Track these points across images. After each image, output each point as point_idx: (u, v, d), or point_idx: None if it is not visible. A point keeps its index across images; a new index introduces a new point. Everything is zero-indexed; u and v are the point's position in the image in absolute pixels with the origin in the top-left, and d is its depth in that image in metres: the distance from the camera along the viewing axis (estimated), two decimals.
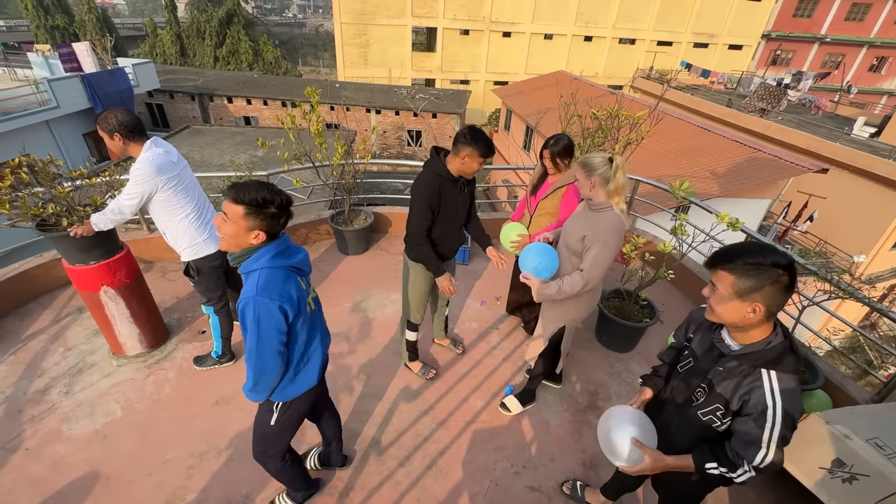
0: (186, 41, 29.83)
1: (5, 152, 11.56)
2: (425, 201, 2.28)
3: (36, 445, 2.40)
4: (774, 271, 1.14)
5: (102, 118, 2.24)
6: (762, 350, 1.25)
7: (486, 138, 2.22)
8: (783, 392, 1.20)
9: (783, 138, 13.05)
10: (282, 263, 1.50)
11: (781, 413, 1.19)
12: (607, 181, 1.97)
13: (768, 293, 1.15)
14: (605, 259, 2.04)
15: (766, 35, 25.10)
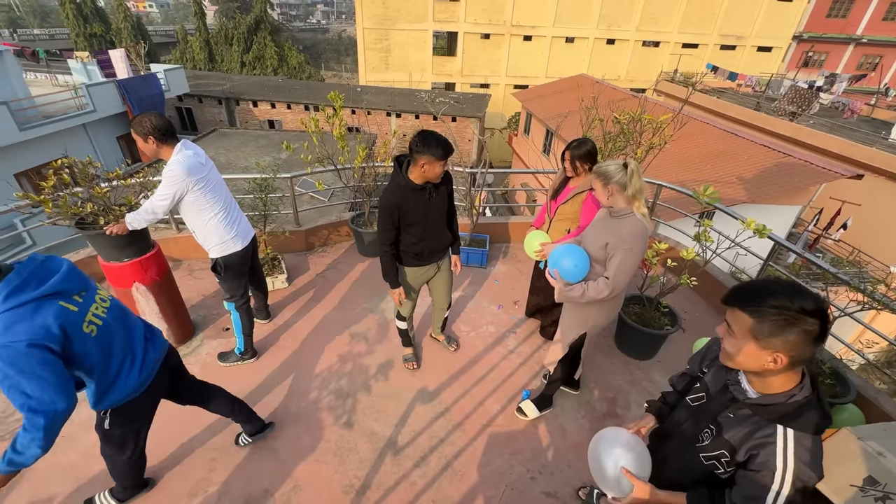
0: (215, 47, 30.80)
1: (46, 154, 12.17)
2: (385, 215, 2.35)
3: (69, 434, 2.51)
4: (802, 319, 0.98)
5: (137, 122, 2.34)
6: (782, 403, 1.10)
7: (439, 139, 2.17)
8: (798, 455, 1.06)
9: (815, 143, 12.59)
10: (25, 299, 1.37)
11: (792, 478, 1.06)
12: (624, 187, 1.96)
13: (793, 343, 1.01)
14: (630, 266, 2.02)
15: (797, 36, 24.29)
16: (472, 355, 3.24)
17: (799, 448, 1.07)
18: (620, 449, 1.36)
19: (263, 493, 2.25)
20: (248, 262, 2.84)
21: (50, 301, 1.42)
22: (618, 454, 1.35)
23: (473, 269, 4.35)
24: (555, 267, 2.15)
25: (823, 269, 2.96)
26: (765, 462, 1.09)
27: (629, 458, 1.34)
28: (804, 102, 14.09)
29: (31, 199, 2.46)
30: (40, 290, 1.41)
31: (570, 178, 2.85)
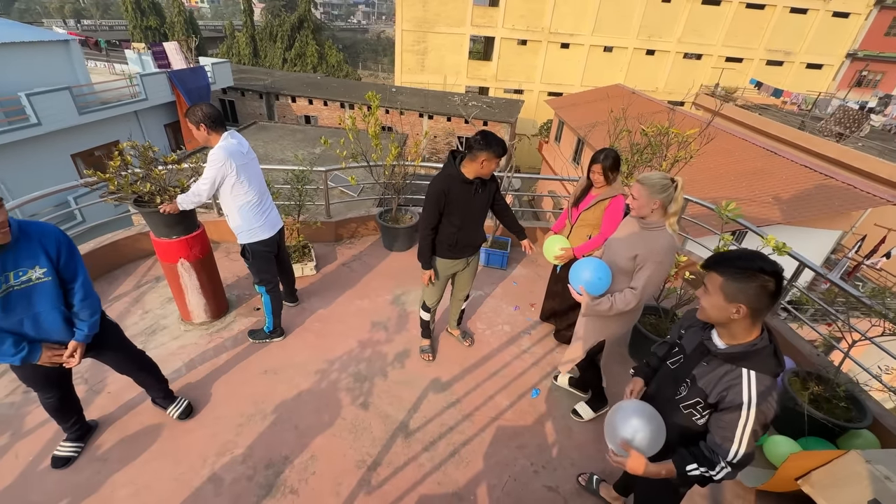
0: (259, 43, 32.02)
1: (99, 137, 13.03)
2: (432, 200, 2.53)
3: (116, 391, 2.78)
4: (760, 276, 1.21)
5: (191, 111, 2.58)
6: (745, 350, 1.32)
7: (499, 139, 2.40)
8: (759, 391, 1.27)
9: (862, 166, 12.03)
10: None
11: (755, 411, 1.26)
12: (668, 203, 1.98)
13: (752, 296, 1.23)
14: (658, 279, 2.06)
15: (851, 54, 23.20)
16: (486, 352, 3.34)
17: (760, 385, 1.28)
18: (639, 420, 1.47)
19: (283, 459, 2.43)
20: (274, 250, 3.05)
21: None
22: (635, 426, 1.46)
23: (493, 270, 4.46)
24: (577, 280, 2.17)
25: (853, 296, 2.91)
26: (732, 399, 1.30)
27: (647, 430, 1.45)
28: (853, 123, 13.49)
29: (99, 176, 2.73)
30: None
31: (592, 186, 2.92)
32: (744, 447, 1.29)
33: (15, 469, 2.28)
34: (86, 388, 2.77)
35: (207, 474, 2.32)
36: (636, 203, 2.03)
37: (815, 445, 2.55)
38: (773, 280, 1.21)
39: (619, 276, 2.17)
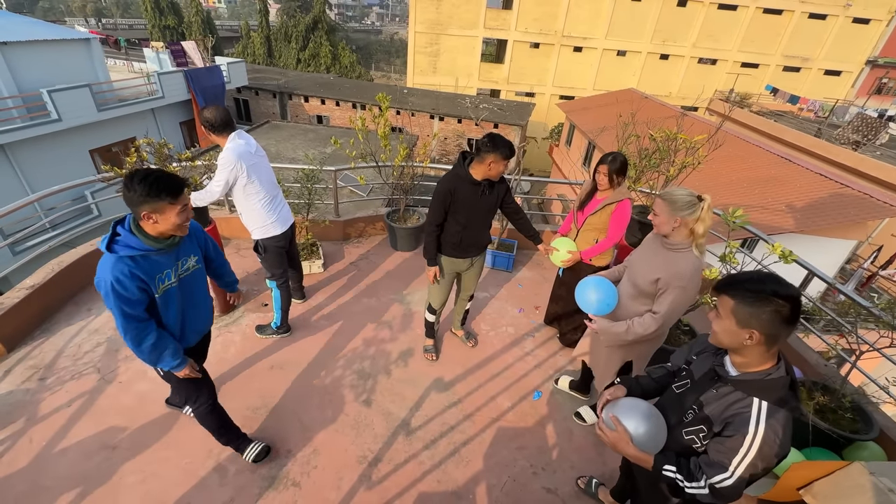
0: (274, 43, 32.44)
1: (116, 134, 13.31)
2: (439, 198, 2.56)
3: (127, 380, 2.85)
4: (774, 301, 1.14)
5: (202, 114, 2.68)
6: (758, 379, 1.24)
7: (506, 141, 2.42)
8: (769, 423, 1.18)
9: (879, 175, 11.80)
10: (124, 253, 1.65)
11: (759, 444, 1.17)
12: (694, 222, 1.83)
13: (766, 321, 1.16)
14: (682, 305, 1.93)
15: (871, 61, 22.76)
16: (489, 353, 3.36)
17: (770, 417, 1.19)
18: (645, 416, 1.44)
19: (287, 452, 2.47)
20: (286, 245, 3.11)
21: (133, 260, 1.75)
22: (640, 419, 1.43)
23: (499, 272, 4.48)
24: (583, 299, 2.08)
25: (861, 305, 2.88)
26: (738, 427, 1.21)
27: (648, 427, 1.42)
28: (871, 131, 13.24)
29: (116, 172, 2.82)
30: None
31: (597, 190, 2.93)
32: (734, 478, 1.20)
33: (29, 453, 2.36)
34: (97, 377, 2.85)
35: (213, 465, 2.38)
36: (657, 220, 1.92)
37: (819, 456, 2.52)
38: (787, 305, 1.13)
39: (642, 297, 2.04)
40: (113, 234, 1.64)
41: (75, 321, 3.32)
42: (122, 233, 1.63)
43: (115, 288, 1.60)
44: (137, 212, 1.60)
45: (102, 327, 3.28)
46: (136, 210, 1.60)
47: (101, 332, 3.24)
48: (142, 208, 1.58)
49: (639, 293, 2.05)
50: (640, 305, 2.07)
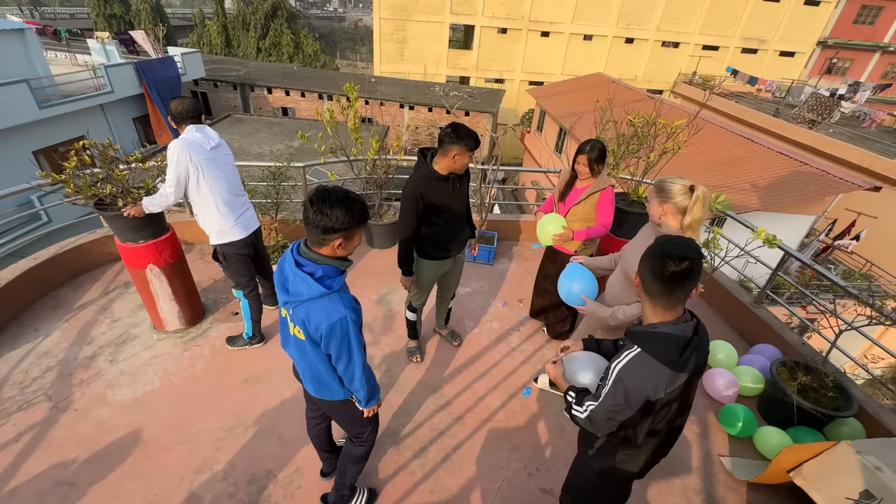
0: (232, 32, 30.84)
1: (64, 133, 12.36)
2: (409, 204, 2.40)
3: (84, 407, 2.60)
4: (656, 254, 1.26)
5: (169, 105, 2.47)
6: (643, 332, 1.33)
7: (470, 132, 2.29)
8: (628, 364, 1.30)
9: (833, 152, 12.37)
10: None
11: (614, 378, 1.31)
12: (682, 212, 1.82)
13: (643, 268, 1.30)
14: None
15: (822, 42, 23.74)
16: (475, 351, 3.27)
17: (633, 360, 1.29)
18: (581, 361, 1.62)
19: (267, 473, 2.31)
20: (249, 252, 2.88)
21: None
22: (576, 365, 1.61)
23: (480, 265, 4.38)
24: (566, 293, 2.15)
25: (832, 281, 2.95)
26: (609, 368, 1.36)
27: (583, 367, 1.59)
28: (825, 110, 13.82)
29: (53, 178, 2.52)
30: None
31: (576, 179, 2.85)
32: (600, 410, 1.34)
33: None
34: (49, 405, 2.59)
35: (185, 494, 2.19)
36: (650, 206, 1.93)
37: (803, 435, 2.56)
38: (666, 262, 1.23)
39: (632, 287, 2.00)
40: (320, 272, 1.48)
41: (20, 344, 3.01)
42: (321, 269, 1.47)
43: (356, 322, 1.53)
44: (329, 238, 1.44)
45: (53, 349, 2.99)
46: (328, 237, 1.43)
47: (51, 354, 2.95)
48: (338, 235, 1.43)
49: (629, 282, 2.04)
50: (631, 295, 2.06)
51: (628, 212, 3.20)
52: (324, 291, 1.46)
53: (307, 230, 1.46)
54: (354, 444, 1.98)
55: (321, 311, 1.47)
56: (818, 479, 2.08)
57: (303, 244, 1.52)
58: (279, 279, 1.53)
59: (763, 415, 2.84)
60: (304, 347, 1.59)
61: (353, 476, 2.08)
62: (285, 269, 1.51)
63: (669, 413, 1.38)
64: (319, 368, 1.64)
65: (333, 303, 1.48)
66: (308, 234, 1.48)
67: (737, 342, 3.47)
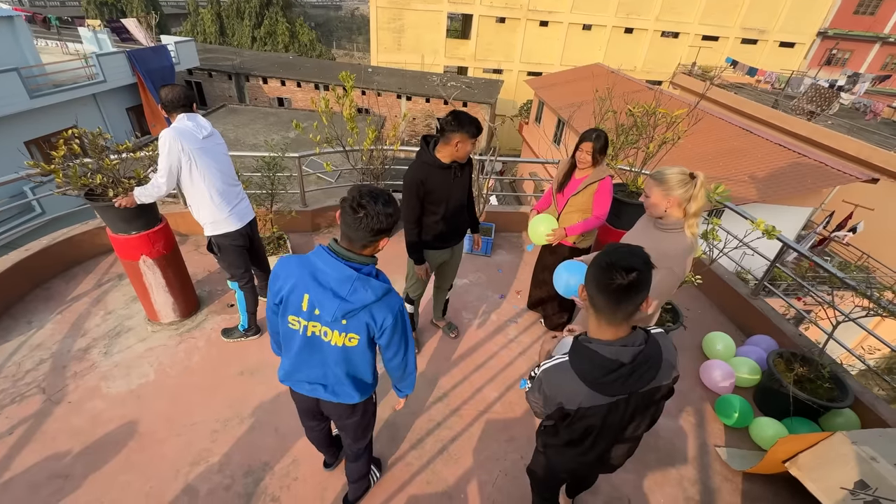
0: (226, 21, 30.36)
1: (56, 123, 12.19)
2: (411, 191, 2.37)
3: (78, 399, 2.58)
4: (599, 265, 1.19)
5: (159, 92, 2.39)
6: (579, 342, 1.28)
7: (472, 118, 2.25)
8: (553, 367, 1.31)
9: (831, 144, 12.34)
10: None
11: (538, 376, 1.36)
12: (687, 202, 1.77)
13: (588, 277, 1.23)
14: (668, 287, 1.86)
15: (822, 33, 23.58)
16: (472, 343, 3.26)
17: (557, 365, 1.30)
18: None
19: (263, 465, 2.31)
20: (244, 243, 2.84)
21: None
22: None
23: (477, 257, 4.36)
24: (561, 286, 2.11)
25: (831, 273, 2.94)
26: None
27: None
28: (824, 102, 13.76)
29: (42, 168, 2.47)
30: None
31: (575, 169, 2.82)
32: (527, 395, 1.46)
33: None
34: (43, 398, 2.57)
35: (181, 486, 2.18)
36: (648, 202, 1.85)
37: (799, 425, 2.57)
38: (603, 274, 1.16)
39: None
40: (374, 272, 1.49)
41: (13, 336, 2.98)
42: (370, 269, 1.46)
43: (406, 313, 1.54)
44: (378, 239, 1.41)
45: (46, 341, 2.96)
46: (377, 238, 1.40)
47: (44, 346, 2.92)
48: (385, 235, 1.42)
49: None
50: None
51: (627, 203, 3.18)
52: (388, 287, 1.45)
53: (352, 234, 1.37)
54: (361, 446, 1.96)
55: (384, 308, 1.44)
56: (813, 470, 2.09)
57: (336, 247, 1.42)
58: (321, 295, 1.39)
59: (759, 405, 2.85)
60: (352, 352, 1.51)
61: (366, 472, 2.12)
62: (328, 279, 1.39)
63: (592, 433, 1.35)
64: (363, 371, 1.59)
65: (393, 294, 1.48)
66: (350, 238, 1.39)
67: (734, 333, 3.47)
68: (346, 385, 1.62)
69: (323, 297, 1.40)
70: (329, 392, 1.64)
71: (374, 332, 1.48)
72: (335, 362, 1.54)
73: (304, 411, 1.85)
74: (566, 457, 1.53)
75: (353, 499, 2.16)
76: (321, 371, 1.59)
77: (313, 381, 1.62)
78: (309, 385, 1.63)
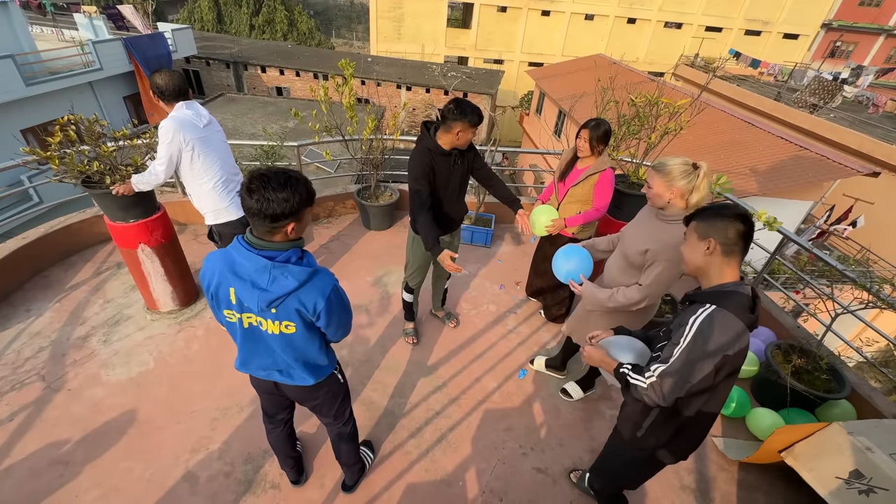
0: (223, 8, 29.95)
1: (52, 111, 12.07)
2: (420, 177, 2.34)
3: (77, 387, 2.59)
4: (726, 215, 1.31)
5: (151, 79, 2.34)
6: (713, 291, 1.35)
7: (473, 107, 2.23)
8: (706, 321, 1.28)
9: (833, 137, 12.28)
10: None
11: (694, 332, 1.28)
12: (690, 192, 1.76)
13: (720, 229, 1.31)
14: (668, 278, 1.88)
15: (826, 24, 23.35)
16: (472, 333, 3.27)
17: (711, 317, 1.28)
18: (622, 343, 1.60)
19: (263, 453, 2.32)
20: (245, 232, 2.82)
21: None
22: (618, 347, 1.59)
23: (477, 248, 4.35)
24: (560, 271, 2.17)
25: (830, 264, 2.94)
26: (679, 324, 1.34)
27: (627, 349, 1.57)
28: (827, 95, 13.67)
29: (38, 154, 2.45)
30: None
31: (578, 159, 2.80)
32: (673, 370, 1.29)
33: None
34: (42, 385, 2.57)
35: (181, 473, 2.20)
36: (651, 192, 1.83)
37: (796, 416, 2.59)
38: (739, 219, 1.29)
39: (630, 269, 2.00)
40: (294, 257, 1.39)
41: (12, 324, 2.97)
42: (289, 254, 1.36)
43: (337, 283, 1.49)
44: (279, 225, 1.31)
45: (45, 329, 2.96)
46: (278, 224, 1.31)
47: (43, 334, 2.92)
48: (289, 220, 1.32)
49: (628, 265, 2.02)
50: (629, 278, 2.03)
51: (628, 194, 3.16)
52: (312, 269, 1.38)
53: (251, 221, 1.31)
54: (342, 426, 1.96)
55: (313, 290, 1.39)
56: (809, 459, 2.11)
57: (249, 237, 1.36)
58: (242, 288, 1.35)
59: (756, 396, 2.87)
60: (293, 339, 1.47)
61: (355, 452, 2.11)
62: (246, 271, 1.34)
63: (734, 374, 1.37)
64: (312, 351, 1.56)
65: (320, 276, 1.41)
66: (253, 225, 1.34)
67: None
68: (298, 369, 1.60)
69: (244, 290, 1.35)
70: (284, 376, 1.64)
71: (308, 317, 1.43)
72: (281, 349, 1.52)
73: (265, 394, 1.83)
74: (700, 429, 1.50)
75: (350, 482, 2.17)
76: (270, 359, 1.57)
77: (267, 368, 1.62)
78: (264, 371, 1.64)
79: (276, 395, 1.80)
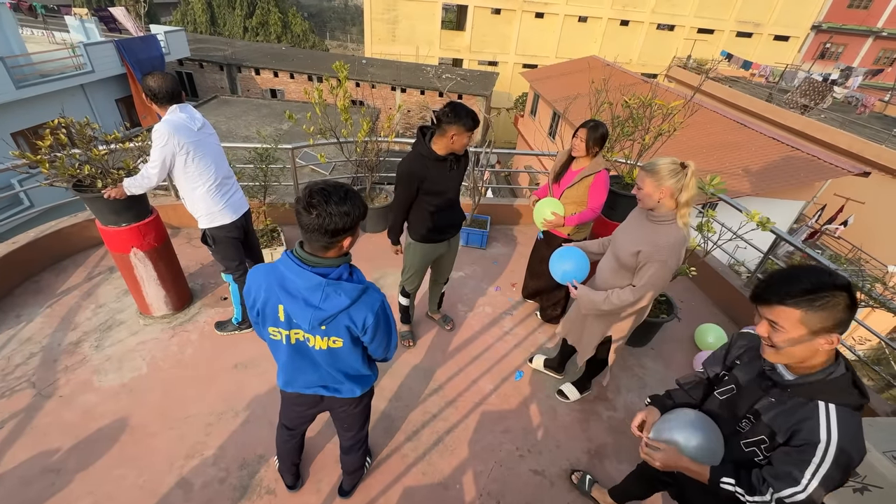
0: (217, 10, 29.84)
1: (43, 114, 11.96)
2: (405, 182, 2.36)
3: (69, 393, 2.55)
4: (839, 295, 1.03)
5: (144, 82, 2.32)
6: (821, 380, 1.13)
7: (469, 110, 2.22)
8: (842, 429, 1.08)
9: (824, 137, 12.43)
10: None
11: (835, 451, 1.06)
12: (679, 191, 1.76)
13: (840, 320, 1.04)
14: (661, 279, 1.88)
15: (816, 26, 23.64)
16: (468, 335, 3.26)
17: (842, 422, 1.08)
18: (690, 430, 1.37)
19: (258, 458, 2.30)
20: (239, 235, 2.80)
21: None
22: (687, 435, 1.36)
23: (473, 249, 4.35)
24: (558, 272, 2.18)
25: (822, 264, 2.96)
26: (808, 436, 1.10)
27: (699, 434, 1.35)
28: (817, 96, 13.83)
29: (28, 158, 2.42)
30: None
31: (573, 161, 2.80)
32: (808, 491, 1.08)
33: None
34: (33, 392, 2.54)
35: (175, 479, 2.17)
36: (641, 193, 1.83)
37: None
38: (847, 294, 1.03)
39: (622, 271, 2.01)
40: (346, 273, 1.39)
41: (2, 330, 2.93)
42: (341, 271, 1.36)
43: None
44: (337, 240, 1.30)
45: (35, 335, 2.92)
46: (336, 239, 1.29)
47: (34, 340, 2.88)
48: (347, 234, 1.31)
49: (620, 266, 2.02)
50: (621, 279, 2.04)
51: (622, 195, 3.18)
52: (363, 287, 1.36)
53: (306, 236, 1.29)
54: (359, 433, 1.95)
55: (363, 307, 1.37)
56: None
57: (301, 253, 1.33)
58: (293, 305, 1.33)
59: None
60: (339, 353, 1.47)
61: (363, 459, 2.14)
62: (297, 288, 1.31)
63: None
64: (357, 366, 1.56)
65: (370, 293, 1.40)
66: (308, 241, 1.31)
67: (727, 325, 3.50)
68: (345, 382, 1.60)
69: (296, 307, 1.33)
70: (331, 391, 1.64)
71: (356, 333, 1.42)
72: (326, 364, 1.52)
73: (305, 409, 1.78)
74: None
75: (348, 488, 2.16)
76: (316, 375, 1.57)
77: (312, 385, 1.61)
78: (310, 389, 1.63)
79: (313, 411, 1.79)
